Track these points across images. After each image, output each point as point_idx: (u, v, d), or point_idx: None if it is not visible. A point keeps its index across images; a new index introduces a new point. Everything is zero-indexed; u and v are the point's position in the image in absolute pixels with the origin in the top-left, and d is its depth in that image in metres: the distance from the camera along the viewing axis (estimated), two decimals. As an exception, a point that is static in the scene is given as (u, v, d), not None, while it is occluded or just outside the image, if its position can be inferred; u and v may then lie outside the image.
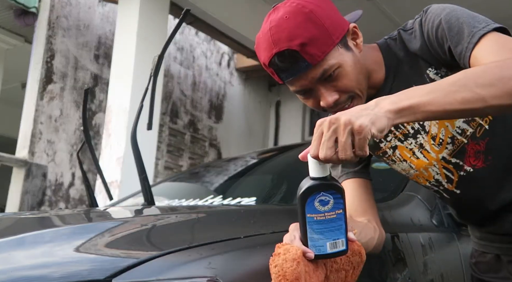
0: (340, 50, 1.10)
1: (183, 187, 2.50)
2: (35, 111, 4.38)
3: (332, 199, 0.92)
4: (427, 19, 1.12)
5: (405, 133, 1.22)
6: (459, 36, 1.04)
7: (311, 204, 0.92)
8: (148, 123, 1.53)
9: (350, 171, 1.28)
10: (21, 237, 1.04)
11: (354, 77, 1.11)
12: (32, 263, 0.92)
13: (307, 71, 1.08)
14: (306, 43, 1.06)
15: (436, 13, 1.10)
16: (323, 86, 1.10)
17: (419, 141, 1.20)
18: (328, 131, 0.86)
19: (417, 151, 1.21)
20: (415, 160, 1.23)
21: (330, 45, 1.08)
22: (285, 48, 1.06)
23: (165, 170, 5.32)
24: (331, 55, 1.09)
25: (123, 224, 1.16)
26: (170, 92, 5.44)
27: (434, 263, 1.45)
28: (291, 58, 1.07)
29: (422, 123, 1.18)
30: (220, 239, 0.99)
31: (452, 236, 1.59)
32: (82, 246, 0.96)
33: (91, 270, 0.87)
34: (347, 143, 0.85)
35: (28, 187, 4.25)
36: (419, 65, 1.15)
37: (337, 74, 1.10)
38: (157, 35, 4.02)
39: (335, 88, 1.11)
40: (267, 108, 6.82)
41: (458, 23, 1.05)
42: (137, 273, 0.85)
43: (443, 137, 1.17)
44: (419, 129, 1.19)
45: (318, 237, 0.92)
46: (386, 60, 1.18)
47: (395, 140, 1.24)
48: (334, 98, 1.10)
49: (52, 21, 4.57)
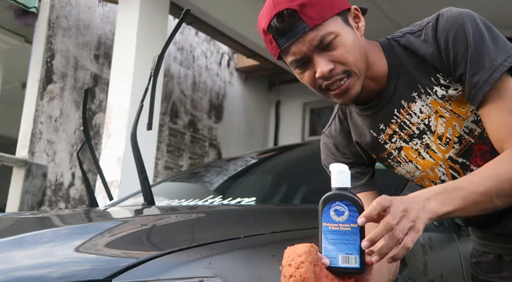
0: (339, 21, 1.10)
1: (183, 187, 2.50)
2: (35, 111, 4.38)
3: (347, 210, 0.93)
4: (444, 28, 1.09)
5: (410, 134, 1.20)
6: (478, 67, 1.05)
7: (327, 213, 0.94)
8: (148, 123, 1.53)
9: (357, 185, 1.27)
10: (21, 237, 1.04)
11: (351, 52, 1.10)
12: (31, 263, 0.92)
13: (304, 35, 1.08)
14: (305, 4, 1.07)
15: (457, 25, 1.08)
16: (319, 55, 1.10)
17: (425, 141, 1.19)
18: (398, 224, 0.90)
19: (423, 151, 1.20)
20: (421, 160, 1.22)
21: (330, 12, 1.09)
22: (284, 8, 1.07)
23: (165, 170, 5.32)
24: (330, 23, 1.09)
25: (123, 224, 1.16)
26: (170, 92, 5.44)
27: (434, 263, 1.45)
28: (289, 19, 1.07)
29: (427, 123, 1.17)
30: (220, 239, 0.99)
31: (452, 236, 1.59)
32: (82, 246, 0.96)
33: (91, 270, 0.87)
34: (405, 231, 0.91)
35: (28, 187, 4.25)
36: (426, 68, 1.14)
37: (334, 43, 1.09)
38: (157, 35, 4.02)
39: (331, 58, 1.10)
40: (267, 108, 6.82)
41: (480, 49, 1.05)
42: (137, 273, 0.85)
43: (450, 136, 1.16)
44: (425, 130, 1.18)
45: (331, 248, 0.93)
46: (389, 59, 1.18)
47: (400, 141, 1.22)
48: (329, 67, 1.09)
49: (52, 21, 4.57)
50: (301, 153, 2.49)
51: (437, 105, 1.15)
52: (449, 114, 1.14)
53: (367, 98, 1.20)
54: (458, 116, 1.14)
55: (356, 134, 1.29)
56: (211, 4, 4.61)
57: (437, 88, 1.13)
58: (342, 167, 0.96)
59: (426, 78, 1.14)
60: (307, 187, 1.99)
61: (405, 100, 1.17)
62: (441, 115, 1.15)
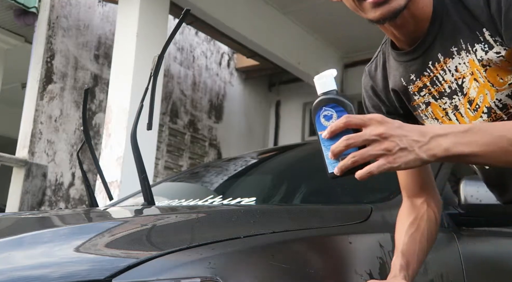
0: None
1: (183, 187, 2.50)
2: (35, 111, 4.38)
3: (334, 112, 0.89)
4: None
5: (440, 91, 1.13)
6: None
7: (318, 121, 0.91)
8: (148, 123, 1.53)
9: None
10: (21, 237, 1.04)
11: None
12: (31, 263, 0.92)
13: None
14: None
15: None
16: None
17: (455, 103, 1.12)
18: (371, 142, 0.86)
19: (450, 112, 1.14)
20: (447, 121, 1.15)
21: None
22: None
23: (165, 170, 5.32)
24: None
25: (123, 224, 1.16)
26: (170, 92, 5.44)
27: (434, 263, 1.45)
28: None
29: (461, 83, 1.09)
30: (220, 239, 0.99)
31: (452, 236, 1.59)
32: (81, 246, 0.96)
33: (91, 270, 0.87)
34: (370, 157, 0.86)
35: (28, 187, 4.25)
36: (473, 22, 1.04)
37: None
38: (157, 35, 4.01)
39: None
40: (267, 108, 6.82)
41: None
42: (137, 273, 0.85)
43: (480, 103, 1.08)
44: (457, 90, 1.10)
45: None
46: (436, 1, 1.08)
47: (429, 96, 1.15)
48: None
49: (52, 21, 4.57)
50: (301, 153, 2.48)
51: (474, 66, 1.06)
52: (483, 80, 1.06)
53: (404, 42, 1.13)
54: (492, 85, 1.05)
55: (392, 80, 1.22)
56: (211, 4, 4.61)
57: (479, 46, 1.04)
58: (323, 73, 0.92)
59: (470, 33, 1.04)
60: (307, 187, 1.99)
61: (442, 54, 1.09)
62: (475, 78, 1.07)
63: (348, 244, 1.16)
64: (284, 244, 1.05)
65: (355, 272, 1.11)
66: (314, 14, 5.19)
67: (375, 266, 1.22)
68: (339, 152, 0.88)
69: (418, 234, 1.17)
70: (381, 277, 1.19)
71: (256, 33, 5.09)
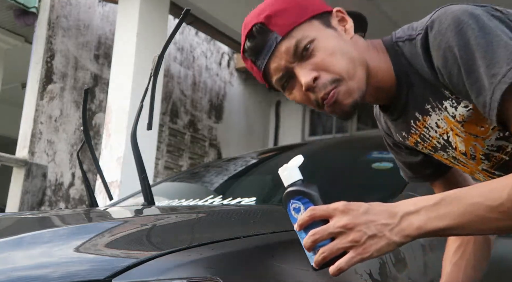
0: (317, 24, 0.98)
1: (183, 187, 2.50)
2: (35, 111, 4.38)
3: (302, 205, 0.87)
4: (433, 46, 0.92)
5: (433, 146, 1.08)
6: (478, 87, 0.86)
7: (290, 214, 0.89)
8: (148, 123, 1.53)
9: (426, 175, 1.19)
10: (20, 237, 1.04)
11: (335, 55, 0.96)
12: (31, 263, 0.92)
13: (278, 46, 0.96)
14: (272, 14, 0.97)
15: (444, 42, 0.90)
16: (300, 66, 0.97)
17: (451, 154, 1.06)
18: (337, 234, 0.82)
19: (453, 160, 1.08)
20: (456, 166, 1.10)
21: (303, 17, 0.97)
22: (252, 25, 0.97)
23: (165, 170, 5.32)
24: (304, 27, 0.97)
25: (123, 224, 1.16)
26: (170, 92, 5.44)
27: (434, 263, 1.45)
28: (259, 34, 0.97)
29: (447, 138, 1.03)
30: (220, 239, 0.99)
31: (452, 236, 1.59)
32: (81, 246, 0.96)
33: (91, 270, 0.87)
34: (338, 251, 0.82)
35: (28, 187, 4.25)
36: (431, 82, 0.98)
37: (312, 48, 0.96)
38: (157, 35, 4.01)
39: (312, 65, 0.96)
40: (267, 108, 6.82)
41: (473, 68, 0.86)
42: (137, 273, 0.85)
43: (474, 153, 1.01)
44: (445, 145, 1.04)
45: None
46: (395, 66, 1.02)
47: (426, 149, 1.11)
48: (312, 75, 0.96)
49: (52, 21, 4.57)
50: (301, 153, 2.48)
51: (450, 123, 0.99)
52: (465, 134, 0.99)
53: (385, 102, 1.08)
54: (475, 136, 0.98)
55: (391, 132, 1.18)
56: (211, 4, 4.61)
57: (447, 103, 0.97)
58: (284, 166, 0.92)
59: (434, 92, 0.98)
60: (307, 187, 1.99)
61: (419, 113, 1.03)
62: (456, 133, 1.00)
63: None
64: (284, 244, 1.05)
65: (355, 272, 1.10)
66: (314, 14, 5.19)
67: (375, 266, 1.22)
68: (309, 247, 0.84)
69: (462, 261, 1.10)
70: (381, 277, 1.19)
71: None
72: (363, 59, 1.00)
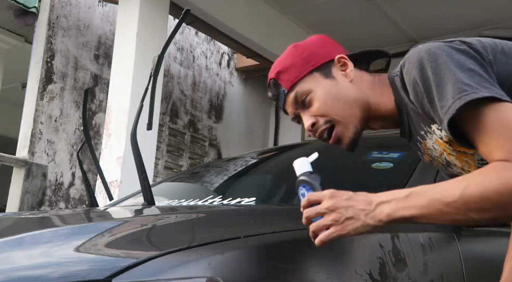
0: (316, 77, 1.20)
1: (183, 187, 2.50)
2: (35, 111, 4.38)
3: (305, 191, 1.05)
4: (407, 82, 1.10)
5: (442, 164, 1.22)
6: (438, 116, 1.03)
7: (299, 198, 1.06)
8: (148, 123, 1.53)
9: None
10: (20, 237, 1.04)
11: (328, 103, 1.19)
12: (31, 263, 0.92)
13: (286, 98, 1.22)
14: (281, 70, 1.22)
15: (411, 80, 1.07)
16: (303, 112, 1.23)
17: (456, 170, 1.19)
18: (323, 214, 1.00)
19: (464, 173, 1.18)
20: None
21: (304, 72, 1.20)
22: (269, 80, 1.25)
23: (165, 170, 5.32)
24: (305, 81, 1.20)
25: (123, 224, 1.16)
26: (170, 92, 5.44)
27: (434, 263, 1.45)
28: (274, 87, 1.24)
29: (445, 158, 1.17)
30: (220, 239, 0.99)
31: (452, 236, 1.59)
32: (81, 246, 0.96)
33: (91, 270, 0.87)
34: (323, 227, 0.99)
35: (28, 187, 4.25)
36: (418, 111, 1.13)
37: (309, 100, 1.20)
38: (157, 35, 4.01)
39: (311, 113, 1.21)
40: (267, 108, 6.82)
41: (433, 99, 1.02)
42: (137, 273, 0.85)
43: (469, 169, 1.14)
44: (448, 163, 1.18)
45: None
46: (395, 97, 1.20)
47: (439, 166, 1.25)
48: (310, 122, 1.21)
49: (52, 21, 4.57)
50: (301, 153, 2.48)
51: (441, 145, 1.13)
52: (456, 153, 1.13)
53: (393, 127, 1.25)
54: (464, 153, 1.11)
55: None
56: (211, 4, 4.61)
57: (434, 126, 1.11)
58: (298, 159, 1.10)
59: (423, 119, 1.13)
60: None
61: (420, 137, 1.19)
62: (449, 153, 1.14)
63: (348, 244, 1.16)
64: (284, 244, 1.05)
65: (355, 272, 1.11)
66: (314, 14, 5.19)
67: (375, 266, 1.22)
68: (305, 223, 1.03)
69: None
70: (381, 277, 1.19)
71: (256, 33, 5.09)
72: (362, 98, 1.20)
